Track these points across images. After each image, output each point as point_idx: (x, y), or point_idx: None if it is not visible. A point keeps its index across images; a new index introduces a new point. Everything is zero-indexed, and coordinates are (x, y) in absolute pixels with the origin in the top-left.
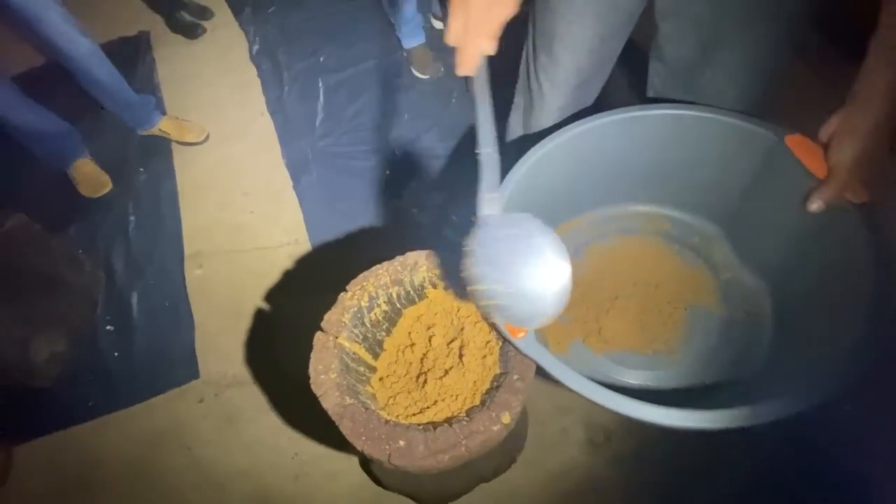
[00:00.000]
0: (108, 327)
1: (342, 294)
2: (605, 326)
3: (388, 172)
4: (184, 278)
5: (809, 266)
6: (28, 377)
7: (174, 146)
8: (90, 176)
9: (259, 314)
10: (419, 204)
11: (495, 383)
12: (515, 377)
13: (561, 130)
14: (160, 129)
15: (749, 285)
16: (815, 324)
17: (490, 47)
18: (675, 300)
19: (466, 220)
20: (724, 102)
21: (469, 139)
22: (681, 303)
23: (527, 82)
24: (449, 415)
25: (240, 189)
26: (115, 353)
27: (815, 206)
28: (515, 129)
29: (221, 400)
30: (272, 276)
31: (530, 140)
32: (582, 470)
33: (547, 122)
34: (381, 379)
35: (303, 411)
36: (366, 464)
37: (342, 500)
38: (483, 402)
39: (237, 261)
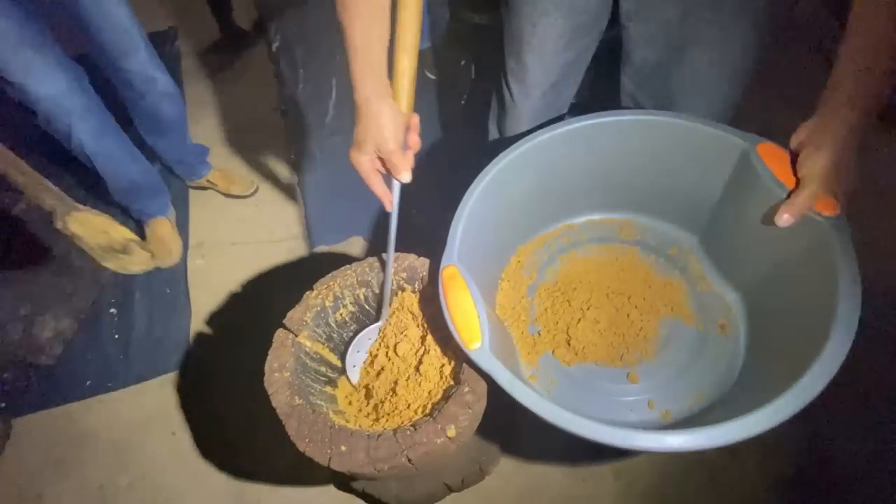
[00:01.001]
0: (111, 310)
1: (307, 292)
2: (574, 338)
3: None
4: (186, 268)
5: (782, 280)
6: (32, 353)
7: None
8: (162, 239)
9: (253, 307)
10: (417, 205)
11: (448, 395)
12: (466, 389)
13: (525, 139)
14: (208, 180)
15: (724, 297)
16: (787, 339)
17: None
18: (649, 312)
19: None
20: (697, 107)
21: (472, 142)
22: (654, 315)
23: (500, 89)
24: (400, 423)
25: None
26: (116, 336)
27: (783, 218)
28: (493, 133)
29: (209, 387)
30: (270, 271)
31: (504, 144)
32: (556, 488)
33: (519, 128)
34: (349, 394)
35: None
36: None
37: (322, 492)
38: (432, 414)
39: (237, 253)
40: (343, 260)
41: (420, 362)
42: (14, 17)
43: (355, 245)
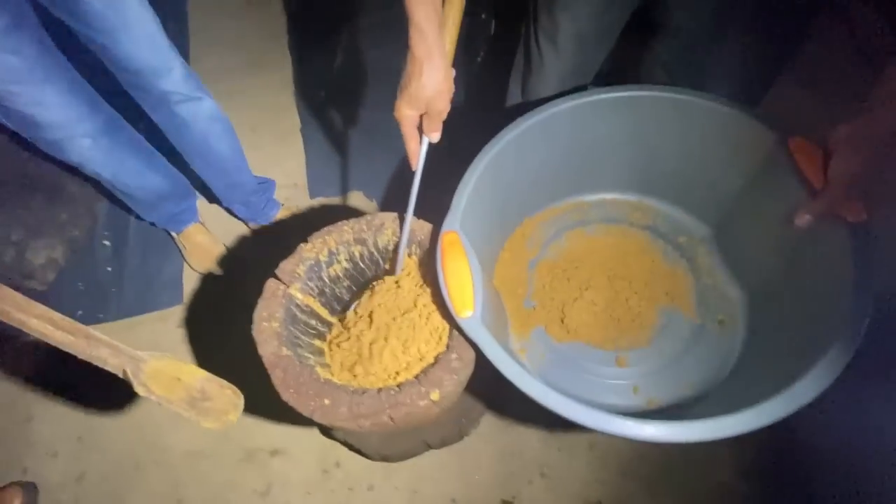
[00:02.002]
0: (104, 242)
1: (301, 244)
2: (569, 316)
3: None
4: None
5: (792, 283)
6: (24, 278)
7: None
8: (201, 246)
9: (246, 252)
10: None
11: (436, 359)
12: (454, 356)
13: (547, 105)
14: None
15: (728, 293)
16: (785, 343)
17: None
18: (648, 299)
19: None
20: (730, 88)
21: (485, 103)
22: (653, 302)
23: (527, 45)
24: (389, 382)
25: (248, 123)
26: (108, 269)
27: (803, 219)
28: (514, 95)
29: (200, 328)
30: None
31: (525, 108)
32: (531, 453)
33: (545, 91)
34: (336, 336)
35: None
36: None
37: (302, 437)
38: (417, 377)
39: None
40: (341, 213)
41: (414, 326)
42: (26, 45)
43: (355, 200)
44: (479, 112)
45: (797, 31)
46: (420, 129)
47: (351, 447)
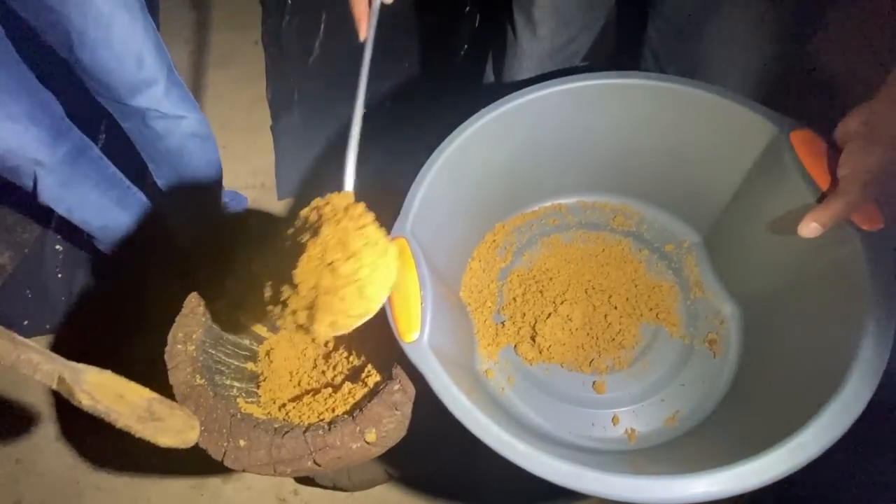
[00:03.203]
0: (56, 247)
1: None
2: (540, 334)
3: (371, 125)
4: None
5: (794, 299)
6: None
7: None
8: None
9: (210, 259)
10: (389, 165)
11: (379, 389)
12: (397, 387)
13: (515, 94)
14: None
15: (719, 310)
16: (787, 371)
17: None
18: (630, 315)
19: None
20: (725, 77)
21: (470, 97)
22: (635, 319)
23: (503, 25)
24: (323, 413)
25: (216, 121)
26: (60, 275)
27: (809, 227)
28: (488, 76)
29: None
30: (230, 219)
31: (500, 93)
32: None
33: (519, 74)
34: (267, 354)
35: None
36: None
37: None
38: (352, 413)
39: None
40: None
41: (351, 349)
42: None
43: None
44: (465, 107)
45: (806, 18)
46: None
47: (300, 479)
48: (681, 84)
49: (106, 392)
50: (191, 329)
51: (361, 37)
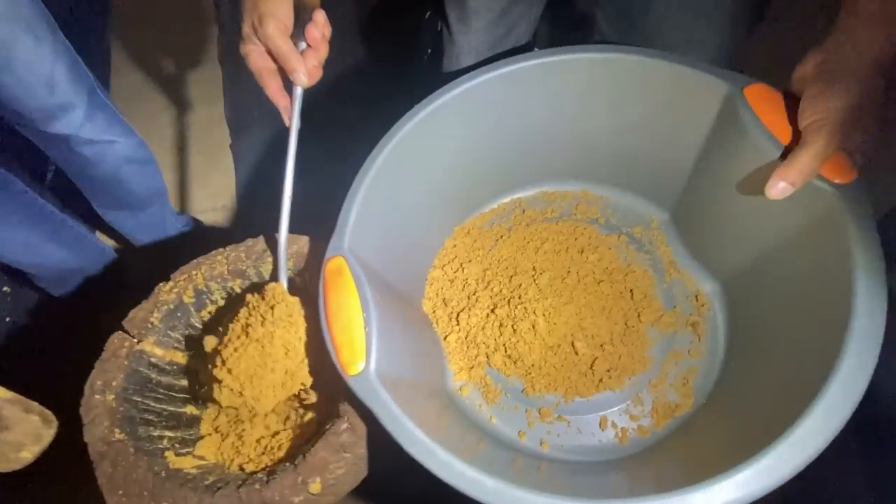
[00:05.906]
0: (3, 288)
1: (160, 284)
2: (510, 342)
3: (333, 143)
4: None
5: (775, 269)
6: None
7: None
8: None
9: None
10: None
11: (323, 430)
12: (344, 426)
13: (448, 86)
14: None
15: (697, 289)
16: (777, 346)
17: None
18: (606, 308)
19: None
20: (677, 49)
21: None
22: (610, 311)
23: (437, 22)
24: (265, 461)
25: (174, 141)
26: (7, 318)
27: (777, 188)
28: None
29: None
30: (190, 246)
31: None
32: None
33: (457, 66)
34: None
35: None
36: None
37: None
38: (293, 458)
39: None
40: (271, 241)
41: (292, 384)
42: None
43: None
44: None
45: None
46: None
47: None
48: (623, 52)
49: None
50: (111, 375)
51: (287, 124)
